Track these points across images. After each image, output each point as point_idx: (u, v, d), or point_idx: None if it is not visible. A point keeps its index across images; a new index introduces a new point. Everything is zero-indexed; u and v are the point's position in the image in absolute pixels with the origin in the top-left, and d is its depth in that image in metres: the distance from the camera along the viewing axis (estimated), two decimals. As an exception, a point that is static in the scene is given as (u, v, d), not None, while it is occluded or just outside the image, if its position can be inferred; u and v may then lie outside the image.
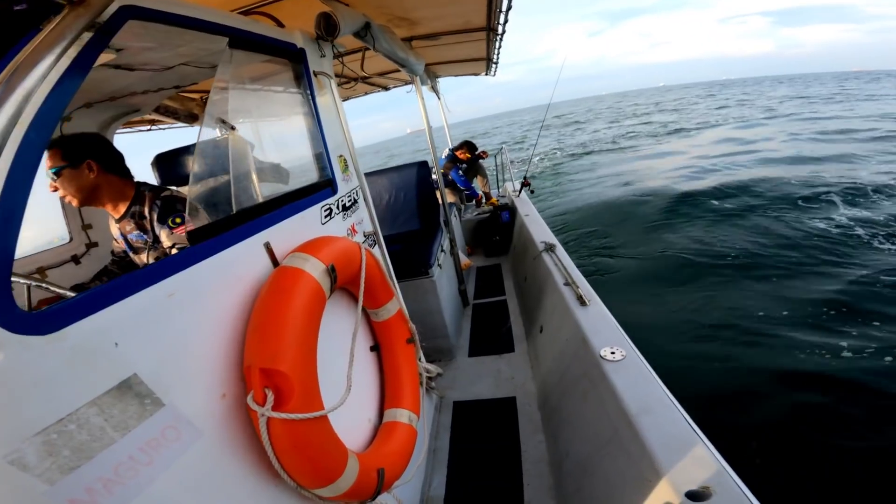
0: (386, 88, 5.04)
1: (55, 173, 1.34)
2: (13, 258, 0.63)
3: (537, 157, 18.67)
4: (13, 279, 1.08)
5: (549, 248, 3.10)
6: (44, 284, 1.04)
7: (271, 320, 1.04)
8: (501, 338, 3.21)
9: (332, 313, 1.47)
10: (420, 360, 1.97)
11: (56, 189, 1.36)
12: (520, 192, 5.12)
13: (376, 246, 2.06)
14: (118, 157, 1.49)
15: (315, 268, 1.23)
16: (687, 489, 1.07)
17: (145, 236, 1.52)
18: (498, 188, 6.52)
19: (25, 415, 0.62)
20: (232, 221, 1.14)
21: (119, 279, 0.79)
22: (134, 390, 0.76)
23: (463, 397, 2.61)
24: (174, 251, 1.47)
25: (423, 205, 3.69)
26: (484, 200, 5.70)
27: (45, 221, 2.03)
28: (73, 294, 1.01)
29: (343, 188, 1.79)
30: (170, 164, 1.84)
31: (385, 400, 1.77)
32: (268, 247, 1.24)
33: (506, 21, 2.79)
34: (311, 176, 1.67)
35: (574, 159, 17.08)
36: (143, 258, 1.56)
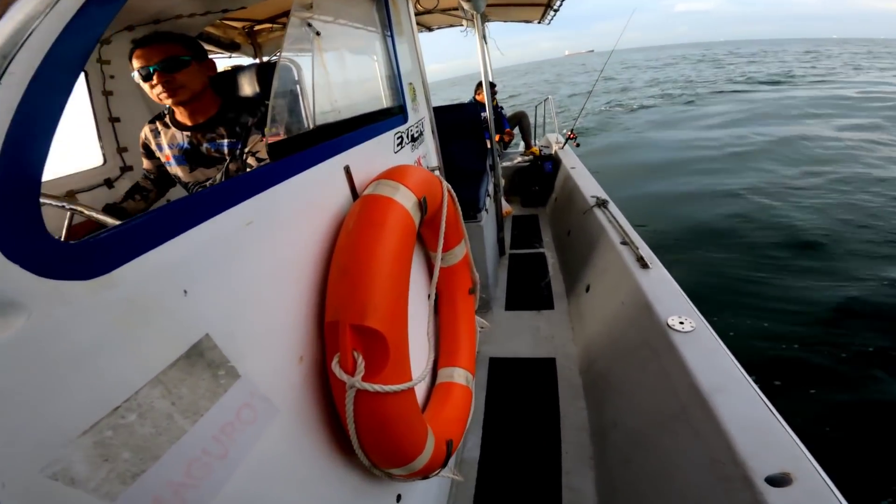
0: (430, 29, 4.64)
1: (176, 65, 1.21)
2: (41, 176, 0.39)
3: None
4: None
5: (602, 203, 2.85)
6: (77, 208, 0.80)
7: (362, 261, 0.81)
8: (540, 293, 3.03)
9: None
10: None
11: (166, 82, 1.21)
12: (564, 144, 4.86)
13: None
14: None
15: (407, 198, 1.00)
16: (767, 474, 1.01)
17: (239, 144, 1.36)
18: (535, 139, 6.12)
19: (67, 405, 0.40)
20: (311, 138, 0.91)
21: (188, 198, 0.55)
22: (206, 358, 0.55)
23: (499, 353, 2.46)
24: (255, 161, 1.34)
25: (472, 146, 3.43)
26: (523, 148, 5.36)
27: (76, 142, 1.82)
28: (111, 220, 0.77)
29: (412, 117, 1.63)
30: (225, 84, 1.56)
31: (440, 357, 1.59)
32: (347, 171, 1.00)
33: None
34: (384, 102, 1.49)
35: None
36: (210, 172, 1.40)
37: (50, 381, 0.39)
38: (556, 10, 4.01)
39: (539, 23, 4.63)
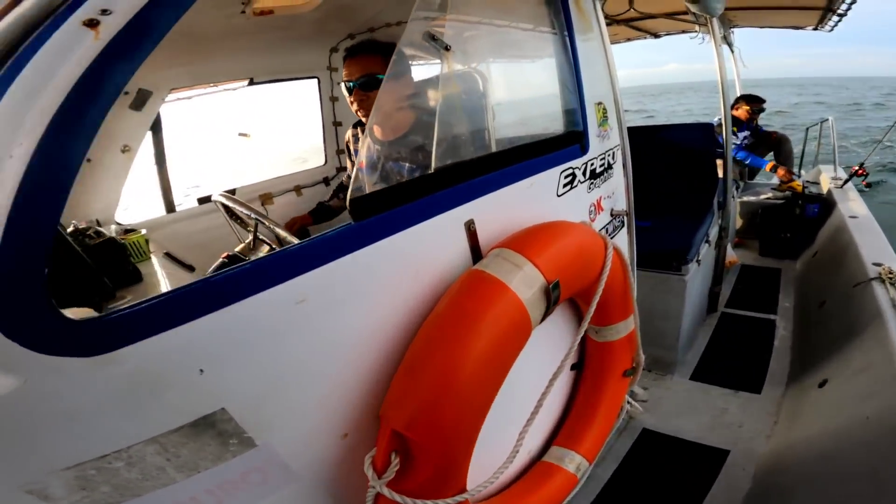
0: (656, 35, 4.08)
1: (372, 84, 1.20)
2: (49, 246, 0.42)
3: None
4: (237, 208, 1.03)
5: (892, 278, 1.98)
6: (263, 220, 0.94)
7: (434, 363, 0.71)
8: (748, 369, 2.34)
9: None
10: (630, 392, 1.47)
11: (361, 101, 1.23)
12: (844, 182, 3.54)
13: (623, 228, 1.51)
14: None
15: (528, 283, 0.80)
16: None
17: None
18: (800, 171, 4.59)
19: (51, 450, 0.47)
20: (420, 187, 0.80)
21: (216, 278, 0.55)
22: (217, 428, 0.56)
23: (658, 427, 2.00)
24: None
25: (696, 177, 2.85)
26: (777, 181, 4.02)
27: (309, 143, 2.18)
28: (291, 238, 0.88)
29: (597, 147, 1.33)
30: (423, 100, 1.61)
31: (559, 432, 1.38)
32: (470, 228, 0.88)
33: None
34: (552, 127, 1.23)
35: None
36: None
37: (41, 429, 0.46)
38: (840, 15, 3.09)
39: (815, 29, 3.74)
